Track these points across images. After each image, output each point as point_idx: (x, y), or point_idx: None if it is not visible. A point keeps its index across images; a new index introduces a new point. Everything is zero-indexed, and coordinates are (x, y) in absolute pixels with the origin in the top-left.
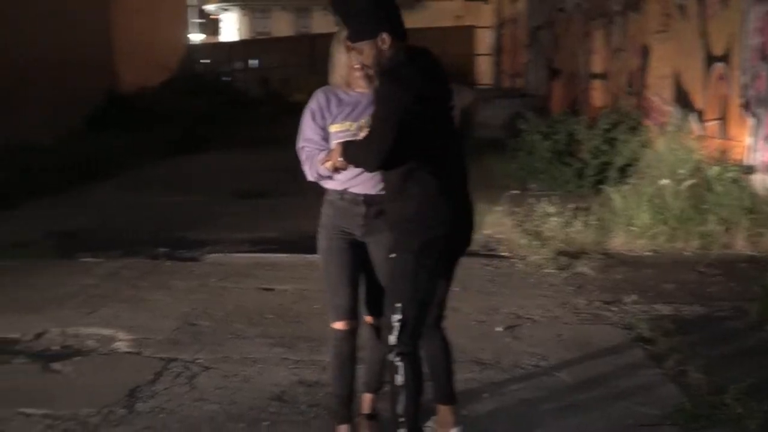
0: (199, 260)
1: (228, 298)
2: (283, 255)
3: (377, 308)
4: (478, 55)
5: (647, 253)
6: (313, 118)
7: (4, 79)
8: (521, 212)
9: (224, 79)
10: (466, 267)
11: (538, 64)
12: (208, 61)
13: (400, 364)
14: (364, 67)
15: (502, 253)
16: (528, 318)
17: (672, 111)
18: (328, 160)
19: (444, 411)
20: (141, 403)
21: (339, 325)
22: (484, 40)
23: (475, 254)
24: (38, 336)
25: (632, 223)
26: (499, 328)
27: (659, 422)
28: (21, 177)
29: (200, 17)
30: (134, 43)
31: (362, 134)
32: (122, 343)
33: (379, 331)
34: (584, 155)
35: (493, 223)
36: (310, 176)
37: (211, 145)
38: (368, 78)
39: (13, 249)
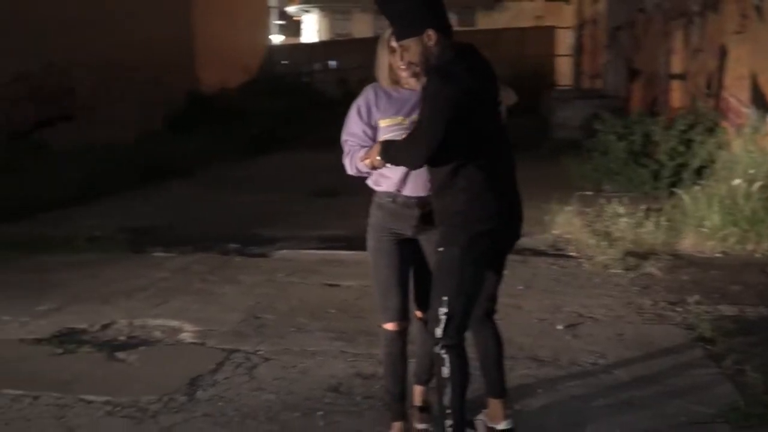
0: (268, 256)
1: (293, 293)
2: (349, 252)
3: (427, 303)
4: (558, 55)
5: (717, 255)
6: (359, 114)
7: (88, 79)
8: (591, 213)
9: (304, 80)
10: (531, 266)
11: (617, 64)
12: (288, 62)
13: (446, 356)
14: (410, 64)
15: (570, 253)
16: (590, 317)
17: (749, 112)
18: (367, 158)
19: (494, 404)
20: (201, 392)
21: (390, 326)
22: (565, 41)
23: (543, 254)
24: (105, 326)
25: (702, 224)
26: (560, 327)
27: (711, 420)
28: (102, 174)
29: (282, 19)
30: (215, 44)
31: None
32: (187, 334)
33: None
34: (660, 156)
35: (563, 223)
36: (350, 170)
37: (289, 145)
38: (416, 76)
39: (89, 243)
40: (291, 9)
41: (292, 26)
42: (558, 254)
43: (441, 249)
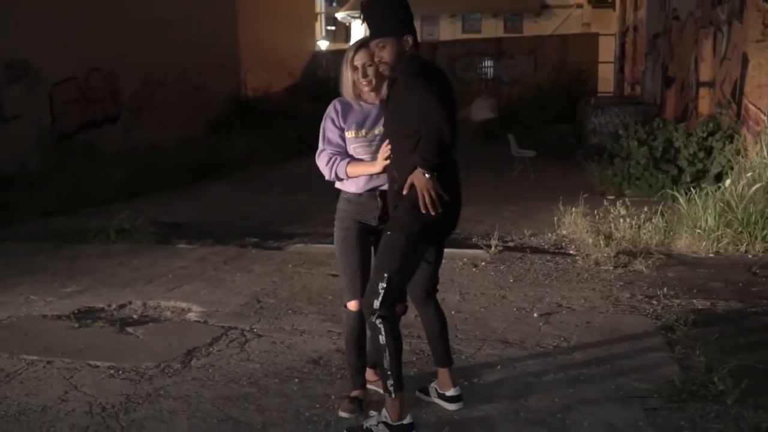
0: (281, 249)
1: (297, 281)
2: None
3: None
4: (602, 62)
5: (710, 255)
6: (334, 124)
7: (133, 83)
8: (599, 214)
9: None
10: (527, 262)
11: (654, 71)
12: (333, 67)
13: (381, 326)
14: (382, 64)
15: (569, 252)
16: (567, 307)
17: (766, 120)
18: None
19: (442, 373)
20: (195, 361)
21: (353, 305)
22: (610, 48)
23: (542, 251)
24: (122, 306)
25: (697, 225)
26: (536, 315)
27: (648, 395)
28: (143, 175)
29: (333, 24)
30: (261, 49)
31: (376, 142)
32: (193, 314)
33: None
34: (681, 162)
35: (569, 223)
36: (329, 176)
37: None
38: (379, 78)
39: (119, 234)
40: (339, 15)
41: (342, 32)
42: (557, 252)
43: (389, 232)
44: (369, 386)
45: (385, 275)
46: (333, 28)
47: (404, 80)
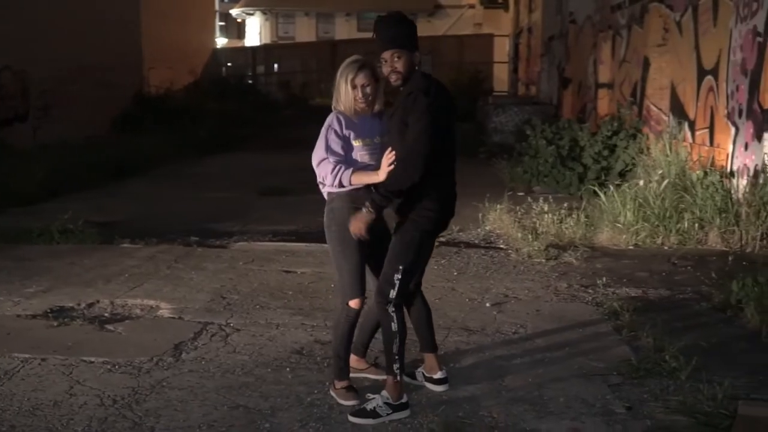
0: (227, 247)
1: (253, 278)
2: (301, 244)
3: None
4: (496, 62)
5: (630, 248)
6: (337, 134)
7: (42, 80)
8: (520, 210)
9: (247, 82)
10: (465, 256)
11: (550, 73)
12: (231, 64)
13: (394, 314)
14: (395, 73)
15: (499, 246)
16: (514, 297)
17: (668, 120)
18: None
19: (429, 358)
20: (185, 354)
21: (356, 303)
22: (503, 49)
23: (475, 246)
24: (91, 305)
25: (617, 220)
26: (488, 304)
27: (607, 373)
28: (60, 172)
29: (224, 21)
30: (163, 46)
31: (378, 148)
32: (165, 310)
33: None
34: (586, 160)
35: (495, 219)
36: (332, 184)
37: (235, 146)
38: (370, 105)
39: (62, 235)
40: (234, 11)
41: (234, 28)
42: (489, 246)
43: (404, 230)
44: (358, 374)
45: (401, 267)
46: (223, 23)
47: (414, 96)
